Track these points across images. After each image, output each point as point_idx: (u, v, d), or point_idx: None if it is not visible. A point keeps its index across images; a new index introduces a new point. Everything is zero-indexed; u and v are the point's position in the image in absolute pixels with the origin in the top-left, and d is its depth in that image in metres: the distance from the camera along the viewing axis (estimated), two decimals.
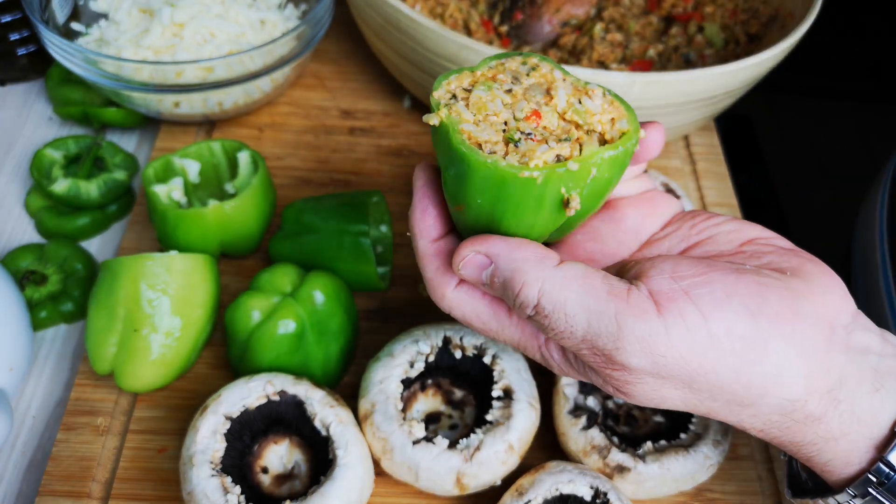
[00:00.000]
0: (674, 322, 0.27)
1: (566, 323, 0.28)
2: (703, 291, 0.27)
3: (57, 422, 0.48)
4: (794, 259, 0.30)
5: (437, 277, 0.31)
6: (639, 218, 0.33)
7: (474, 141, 0.27)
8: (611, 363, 0.28)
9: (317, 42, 0.61)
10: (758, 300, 0.27)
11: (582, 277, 0.28)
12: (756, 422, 0.29)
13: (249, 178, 0.54)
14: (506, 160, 0.27)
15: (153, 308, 0.43)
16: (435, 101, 0.28)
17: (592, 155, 0.27)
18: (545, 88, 0.29)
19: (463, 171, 0.27)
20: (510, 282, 0.28)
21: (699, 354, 0.27)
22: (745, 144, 1.46)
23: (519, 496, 0.39)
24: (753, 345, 0.27)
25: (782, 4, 0.65)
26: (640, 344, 0.27)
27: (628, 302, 0.27)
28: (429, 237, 0.31)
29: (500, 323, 0.31)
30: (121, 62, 0.54)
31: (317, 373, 0.46)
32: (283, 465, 0.43)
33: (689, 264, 0.28)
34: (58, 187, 0.55)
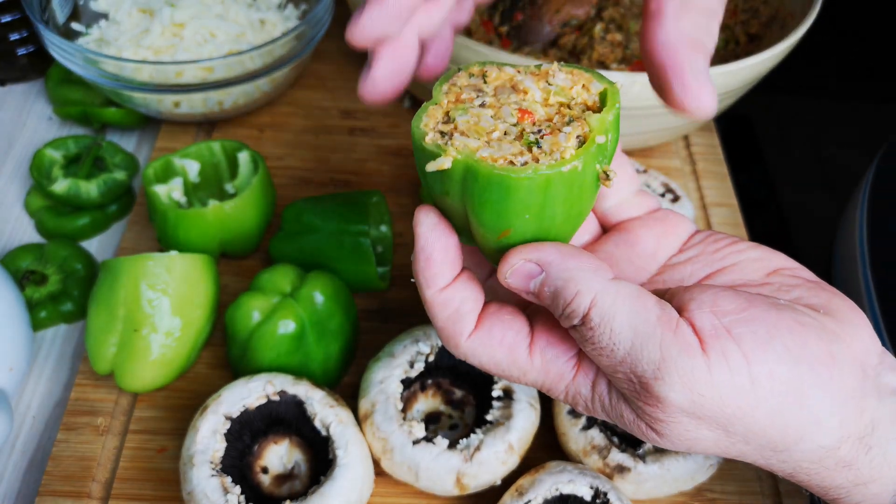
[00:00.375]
0: (717, 361, 0.26)
1: (610, 339, 0.27)
2: (746, 331, 0.26)
3: (57, 422, 0.48)
4: (823, 294, 0.30)
5: (449, 327, 0.29)
6: (653, 239, 0.32)
7: (496, 161, 0.26)
8: (646, 393, 0.27)
9: (317, 42, 0.61)
10: (798, 343, 0.27)
11: (635, 297, 0.27)
12: (786, 467, 0.29)
13: (249, 178, 0.54)
14: (544, 164, 0.26)
15: (153, 308, 0.43)
16: (432, 145, 0.27)
17: (603, 121, 0.27)
18: (510, 86, 0.29)
19: (502, 195, 0.26)
20: (562, 290, 0.27)
21: (739, 397, 0.26)
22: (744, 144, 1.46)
23: (519, 496, 0.39)
24: (793, 390, 0.26)
25: (782, 4, 0.65)
26: (682, 378, 0.26)
27: (675, 333, 0.26)
28: (436, 287, 0.29)
29: (520, 369, 0.29)
30: (121, 62, 0.54)
31: (317, 373, 0.46)
32: (283, 465, 0.43)
33: (729, 298, 0.27)
34: (58, 187, 0.55)
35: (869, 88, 1.68)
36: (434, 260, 0.29)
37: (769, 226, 1.33)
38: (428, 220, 0.29)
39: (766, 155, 1.45)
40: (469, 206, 0.27)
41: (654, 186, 0.58)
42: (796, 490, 0.46)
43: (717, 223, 0.61)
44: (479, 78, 0.29)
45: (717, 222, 0.61)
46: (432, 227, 0.29)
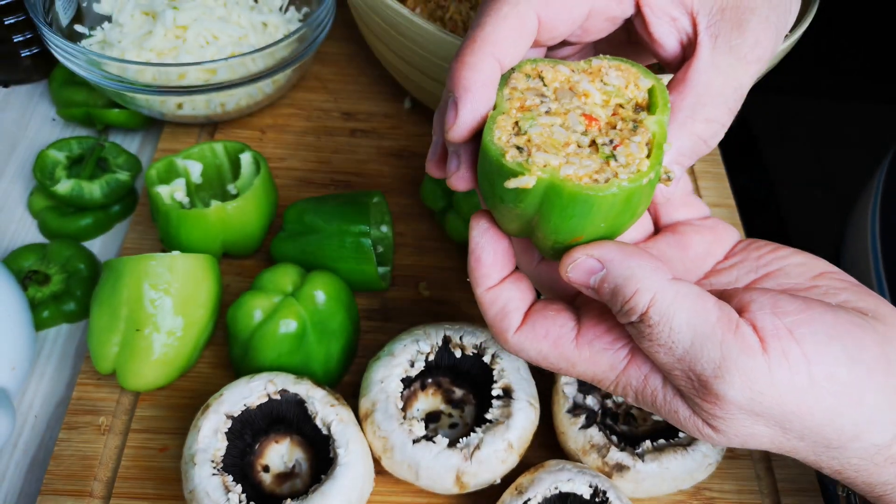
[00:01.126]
0: (777, 361, 0.27)
1: (669, 337, 0.27)
2: (807, 332, 0.27)
3: (59, 421, 0.48)
4: (869, 299, 0.30)
5: (497, 324, 0.31)
6: (704, 245, 0.34)
7: (580, 179, 0.27)
8: (705, 391, 0.27)
9: (318, 44, 0.61)
10: (856, 345, 0.28)
11: (695, 296, 0.28)
12: (835, 463, 0.29)
13: (251, 179, 0.55)
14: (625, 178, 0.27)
15: (155, 308, 0.44)
16: (512, 164, 0.27)
17: (662, 125, 0.28)
18: (568, 89, 0.30)
19: (586, 210, 0.27)
20: (622, 287, 0.28)
21: (798, 395, 0.27)
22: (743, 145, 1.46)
23: (518, 495, 0.40)
24: (851, 391, 0.27)
25: None
26: (742, 377, 0.27)
27: (736, 333, 0.27)
28: (484, 286, 0.31)
29: (568, 360, 0.31)
30: (124, 64, 0.54)
31: (318, 372, 0.46)
32: (284, 463, 0.43)
33: (789, 300, 0.28)
34: (61, 188, 0.56)
35: (869, 88, 1.68)
36: (483, 262, 0.31)
37: (768, 225, 1.33)
38: (480, 226, 0.31)
39: (765, 155, 1.45)
40: (544, 218, 0.28)
41: None
42: (796, 490, 0.46)
43: None
44: (536, 79, 0.30)
45: None
46: (483, 232, 0.31)
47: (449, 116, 0.29)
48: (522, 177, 0.27)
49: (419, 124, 0.67)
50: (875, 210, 0.62)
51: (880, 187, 0.62)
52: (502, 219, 0.30)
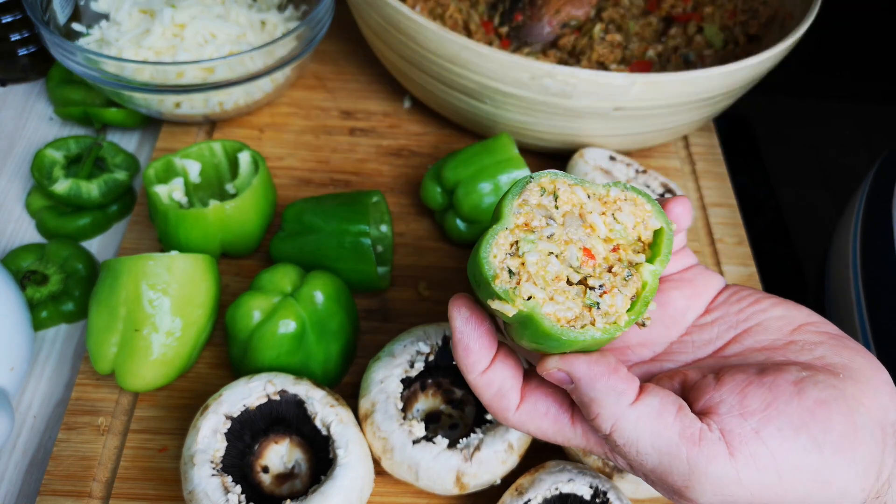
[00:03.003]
0: (745, 464, 0.28)
1: (636, 457, 0.29)
2: (773, 429, 0.28)
3: (58, 421, 0.48)
4: (845, 352, 0.31)
5: (496, 404, 0.32)
6: (684, 300, 0.34)
7: (558, 320, 0.28)
8: (679, 497, 0.29)
9: (317, 43, 0.61)
10: (822, 427, 0.28)
11: (655, 417, 0.29)
12: None
13: (250, 179, 0.55)
14: (600, 328, 0.28)
15: (154, 308, 0.43)
16: (498, 288, 0.28)
17: (655, 277, 0.29)
18: (578, 215, 0.30)
19: (557, 344, 0.29)
20: (587, 408, 0.30)
21: (768, 490, 0.28)
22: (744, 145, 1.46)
23: (519, 495, 0.40)
24: (820, 476, 0.28)
25: (782, 5, 0.66)
26: (712, 485, 0.28)
27: (700, 446, 0.28)
28: (477, 372, 0.32)
29: (565, 436, 0.32)
30: (122, 63, 0.54)
31: (317, 372, 0.46)
32: (284, 464, 0.43)
33: (755, 394, 0.29)
34: (59, 187, 0.55)
35: (869, 89, 1.68)
36: (471, 349, 0.32)
37: (768, 225, 1.33)
38: (462, 314, 0.32)
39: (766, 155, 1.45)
40: (519, 330, 0.30)
41: (654, 187, 0.59)
42: None
43: (716, 223, 0.61)
44: (550, 197, 0.30)
45: (716, 222, 0.61)
46: (466, 319, 0.32)
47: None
48: (505, 304, 0.28)
49: (419, 123, 0.67)
50: (859, 214, 0.62)
51: (865, 192, 0.63)
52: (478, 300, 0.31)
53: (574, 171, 0.56)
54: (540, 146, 0.61)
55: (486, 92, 0.55)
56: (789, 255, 1.34)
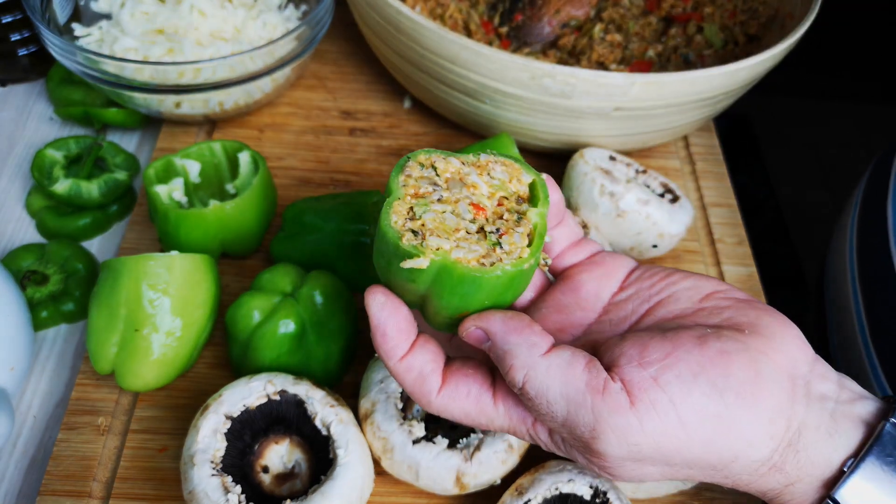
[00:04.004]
0: (646, 412, 0.29)
1: (548, 408, 0.30)
2: (671, 376, 0.29)
3: (58, 421, 0.48)
4: (751, 312, 0.32)
5: (418, 389, 0.33)
6: (594, 282, 0.35)
7: (469, 262, 0.30)
8: (589, 451, 0.30)
9: (317, 43, 0.61)
10: (722, 373, 0.29)
11: (566, 367, 0.30)
12: (727, 481, 0.32)
13: (250, 179, 0.55)
14: (508, 264, 0.30)
15: (154, 308, 0.44)
16: (408, 246, 0.30)
17: (542, 217, 0.32)
18: (459, 179, 0.33)
19: (473, 289, 0.31)
20: (502, 360, 0.31)
21: (671, 438, 0.29)
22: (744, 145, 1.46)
23: (519, 495, 0.40)
24: (722, 421, 0.29)
25: (781, 5, 0.66)
26: (616, 434, 0.29)
27: (604, 396, 0.29)
28: (396, 357, 0.33)
29: (487, 417, 0.33)
30: (122, 63, 0.54)
31: (317, 372, 0.46)
32: (284, 464, 0.43)
33: (656, 345, 0.30)
34: (59, 187, 0.55)
35: (868, 89, 1.68)
36: (389, 336, 0.32)
37: (768, 226, 1.33)
38: (377, 300, 0.33)
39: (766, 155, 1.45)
40: (435, 294, 0.31)
41: (654, 187, 0.59)
42: None
43: (715, 223, 0.61)
44: (429, 169, 0.33)
45: (716, 222, 0.61)
46: (382, 305, 0.32)
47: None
48: (418, 258, 0.30)
49: (418, 123, 0.67)
50: (855, 212, 0.62)
51: (861, 191, 0.63)
52: (396, 292, 0.33)
53: (574, 171, 0.56)
54: (540, 146, 0.61)
55: (486, 92, 0.55)
56: (789, 255, 1.34)
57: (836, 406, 0.31)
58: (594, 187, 0.54)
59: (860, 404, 0.31)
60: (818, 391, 0.31)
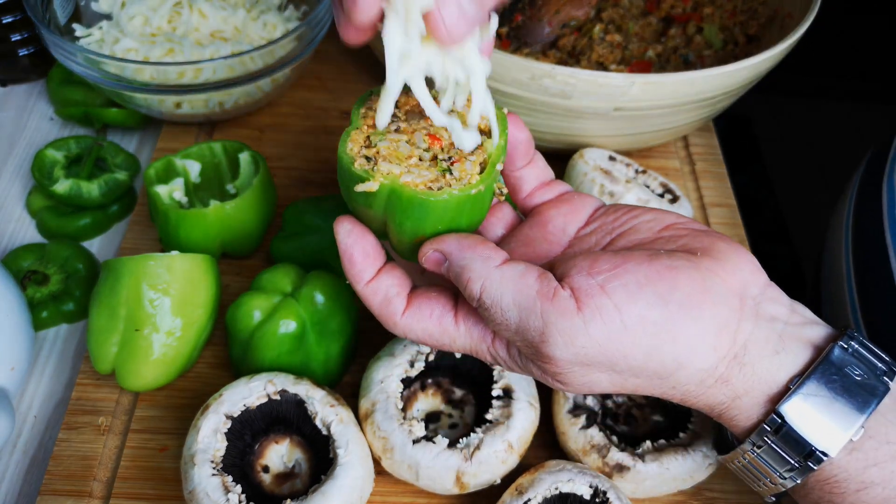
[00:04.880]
0: (591, 316, 0.30)
1: (502, 316, 0.31)
2: (617, 284, 0.30)
3: (58, 421, 0.48)
4: (706, 239, 0.33)
5: (384, 310, 0.34)
6: (561, 217, 0.37)
7: (418, 186, 0.31)
8: (540, 355, 0.31)
9: (317, 43, 0.61)
10: (669, 285, 0.30)
11: (518, 277, 0.31)
12: (676, 392, 0.33)
13: (250, 179, 0.55)
14: (456, 189, 0.31)
15: (154, 308, 0.44)
16: (360, 170, 0.32)
17: (500, 148, 0.33)
18: (418, 112, 0.34)
19: (423, 212, 0.32)
20: (459, 276, 0.32)
21: (615, 342, 0.30)
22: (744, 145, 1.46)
23: (519, 495, 0.40)
24: (665, 328, 0.30)
25: (781, 5, 0.66)
26: (563, 337, 0.30)
27: (553, 301, 0.30)
28: (363, 281, 0.34)
29: (450, 336, 0.34)
30: (122, 63, 0.54)
31: (317, 372, 0.46)
32: (284, 464, 0.43)
33: (606, 259, 0.31)
34: (59, 187, 0.55)
35: (867, 89, 1.68)
36: (356, 260, 0.34)
37: (768, 225, 1.33)
38: (344, 227, 0.34)
39: (765, 155, 1.45)
40: (391, 218, 0.32)
41: (653, 187, 0.59)
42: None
43: (715, 223, 0.61)
44: None
45: (716, 222, 0.61)
46: (348, 232, 0.34)
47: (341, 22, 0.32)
48: (368, 182, 0.31)
49: None
50: (850, 206, 0.62)
51: (856, 185, 0.63)
52: (361, 220, 0.34)
53: (574, 171, 0.56)
54: (540, 146, 0.61)
55: None
56: (789, 255, 1.34)
57: (786, 328, 0.32)
58: (594, 187, 0.54)
59: (810, 328, 0.33)
60: (768, 312, 0.32)
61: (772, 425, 0.31)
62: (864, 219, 0.59)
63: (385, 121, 0.33)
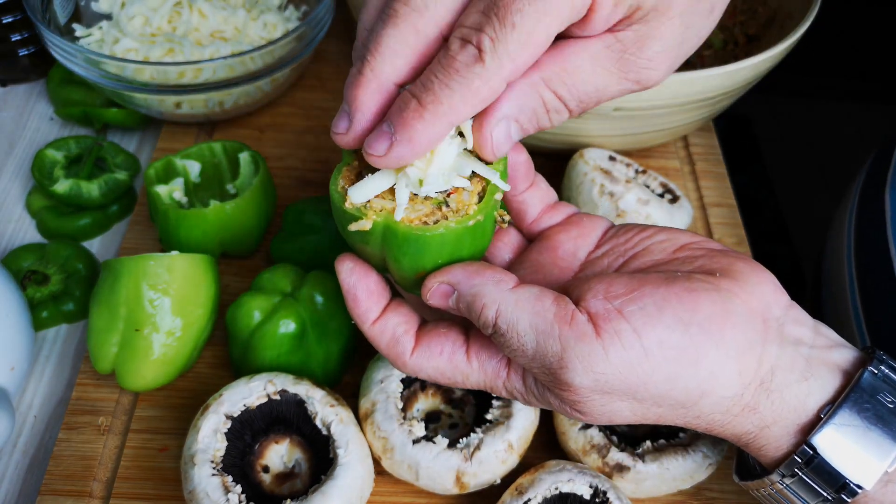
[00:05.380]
0: (610, 341, 0.28)
1: (518, 341, 0.30)
2: (635, 308, 0.29)
3: (58, 421, 0.48)
4: (724, 259, 0.32)
5: (392, 351, 0.33)
6: (571, 241, 0.35)
7: (412, 221, 0.30)
8: (558, 382, 0.30)
9: (317, 43, 0.61)
10: (689, 308, 0.29)
11: (534, 300, 0.30)
12: (700, 422, 0.31)
13: (250, 179, 0.55)
14: (453, 221, 0.30)
15: (154, 308, 0.44)
16: (353, 210, 0.30)
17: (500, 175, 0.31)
18: None
19: (420, 248, 0.30)
20: (472, 305, 0.31)
21: (636, 368, 0.29)
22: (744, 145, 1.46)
23: (519, 495, 0.40)
24: (686, 353, 0.29)
25: (781, 5, 0.66)
26: (582, 363, 0.29)
27: (571, 325, 0.29)
28: (369, 321, 0.33)
29: (462, 373, 0.33)
30: (122, 63, 0.54)
31: (317, 372, 0.46)
32: (284, 464, 0.43)
33: (622, 282, 0.30)
34: (59, 187, 0.55)
35: (867, 89, 1.68)
36: (360, 300, 0.33)
37: (767, 225, 1.33)
38: (346, 267, 0.33)
39: (765, 155, 1.45)
40: (388, 254, 0.31)
41: (653, 187, 0.59)
42: None
43: (715, 223, 0.61)
44: None
45: (716, 222, 0.61)
46: (350, 271, 0.33)
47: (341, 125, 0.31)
48: (361, 220, 0.30)
49: None
50: (853, 209, 0.62)
51: (859, 187, 0.63)
52: (360, 256, 0.33)
53: (574, 171, 0.56)
54: (540, 146, 0.61)
55: None
56: (789, 256, 1.34)
57: (812, 351, 0.31)
58: (594, 187, 0.54)
59: (837, 352, 0.31)
60: (793, 335, 0.31)
61: (803, 457, 0.30)
62: (867, 220, 0.58)
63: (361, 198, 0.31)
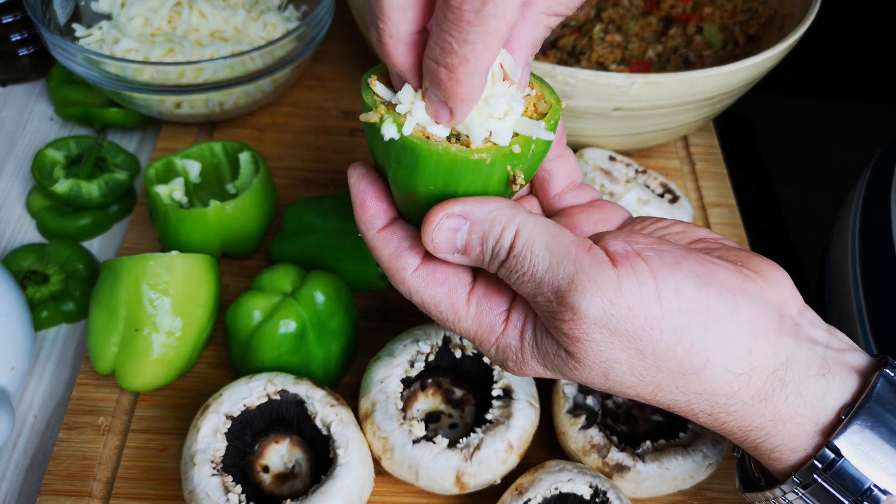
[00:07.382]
0: (626, 274, 0.28)
1: (531, 262, 0.28)
2: (655, 255, 0.28)
3: (58, 421, 0.48)
4: (742, 254, 0.31)
5: (394, 263, 0.31)
6: (592, 224, 0.35)
7: (422, 132, 0.28)
8: (563, 307, 0.28)
9: (317, 43, 0.61)
10: (707, 271, 0.28)
11: (554, 227, 0.29)
12: (703, 403, 0.29)
13: (250, 179, 0.55)
14: (455, 147, 0.28)
15: (154, 308, 0.44)
16: (370, 100, 0.29)
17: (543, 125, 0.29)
18: None
19: (414, 161, 0.29)
20: (489, 232, 0.29)
21: (646, 308, 0.27)
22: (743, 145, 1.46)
23: (519, 495, 0.40)
24: (699, 309, 0.28)
25: (781, 5, 0.66)
26: (592, 286, 0.27)
27: (589, 251, 0.28)
28: (375, 228, 0.31)
29: (456, 313, 0.31)
30: (122, 63, 0.54)
31: (317, 372, 0.46)
32: (284, 464, 0.43)
33: (643, 240, 0.30)
34: (59, 187, 0.55)
35: (868, 88, 1.68)
36: (367, 205, 0.31)
37: (768, 226, 1.33)
38: (356, 171, 0.32)
39: (765, 155, 1.45)
40: (387, 163, 0.30)
41: (653, 187, 0.59)
42: None
43: (715, 223, 0.61)
44: None
45: (716, 222, 0.61)
46: (361, 176, 0.31)
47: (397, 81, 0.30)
48: (370, 112, 0.29)
49: None
50: (857, 210, 0.62)
51: (863, 188, 0.63)
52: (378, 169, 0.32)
53: None
54: None
55: None
56: (789, 256, 1.34)
57: (827, 352, 0.30)
58: (594, 187, 0.54)
59: (850, 355, 0.30)
60: (808, 335, 0.30)
61: (823, 461, 0.28)
62: (872, 223, 0.58)
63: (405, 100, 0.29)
